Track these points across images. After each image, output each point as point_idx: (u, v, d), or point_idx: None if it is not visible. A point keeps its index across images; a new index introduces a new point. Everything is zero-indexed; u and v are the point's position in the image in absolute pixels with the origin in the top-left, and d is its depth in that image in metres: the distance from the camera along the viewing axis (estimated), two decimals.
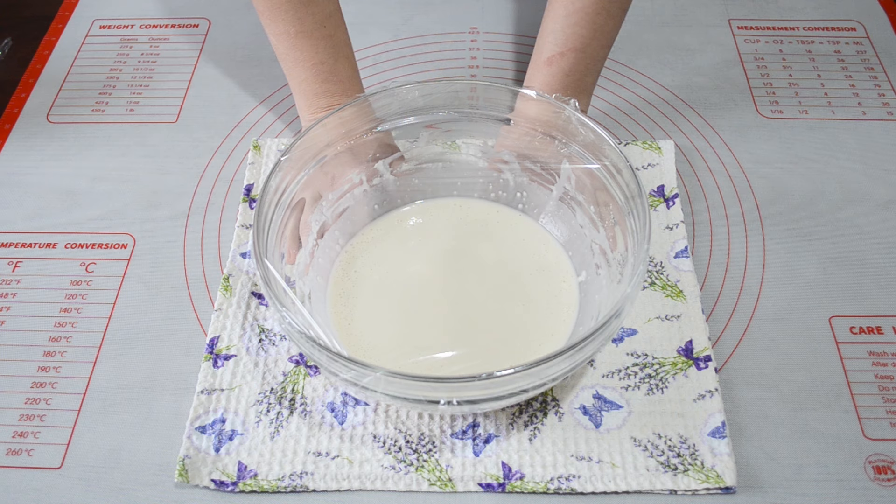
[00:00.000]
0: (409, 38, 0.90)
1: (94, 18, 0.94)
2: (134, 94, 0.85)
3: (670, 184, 0.73)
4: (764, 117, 0.81)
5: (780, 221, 0.72)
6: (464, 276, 0.66)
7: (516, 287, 0.65)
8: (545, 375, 0.52)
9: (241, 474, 0.57)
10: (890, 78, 0.84)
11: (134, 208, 0.74)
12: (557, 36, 0.68)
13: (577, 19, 0.68)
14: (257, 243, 0.56)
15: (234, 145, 0.79)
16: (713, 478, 0.55)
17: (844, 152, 0.77)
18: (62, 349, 0.65)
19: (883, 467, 0.57)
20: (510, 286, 0.65)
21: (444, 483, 0.56)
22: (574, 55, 0.68)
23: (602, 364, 0.62)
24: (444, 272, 0.66)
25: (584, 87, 0.71)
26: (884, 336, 0.64)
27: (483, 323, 0.63)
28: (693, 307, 0.64)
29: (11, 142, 0.81)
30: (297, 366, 0.62)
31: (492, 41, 0.89)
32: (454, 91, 0.66)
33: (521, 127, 0.66)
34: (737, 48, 0.88)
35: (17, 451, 0.59)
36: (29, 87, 0.86)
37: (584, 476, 0.56)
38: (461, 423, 0.59)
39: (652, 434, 0.58)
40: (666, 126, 0.80)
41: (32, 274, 0.69)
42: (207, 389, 0.61)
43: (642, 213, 0.57)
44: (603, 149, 0.62)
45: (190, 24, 0.93)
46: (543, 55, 0.70)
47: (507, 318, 0.63)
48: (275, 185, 0.60)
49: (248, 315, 0.65)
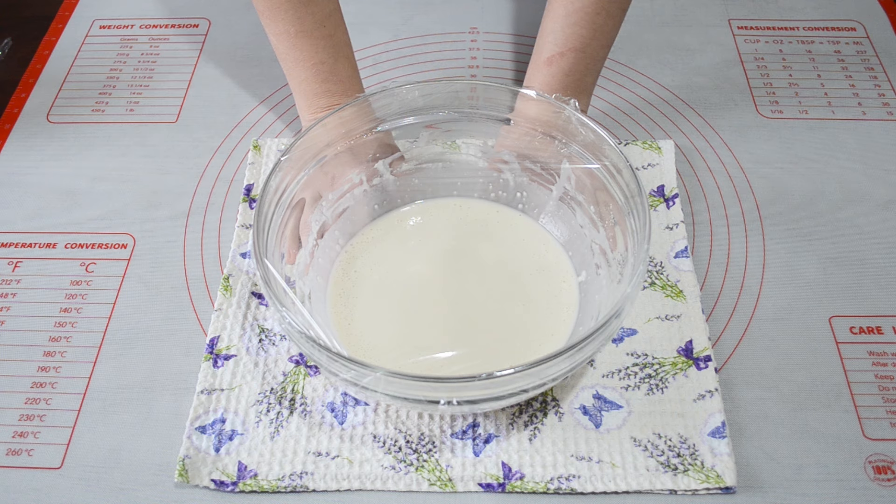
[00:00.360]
0: (409, 38, 0.90)
1: (94, 18, 0.94)
2: (134, 94, 0.85)
3: (670, 184, 0.73)
4: (764, 117, 0.81)
5: (780, 221, 0.72)
6: (464, 276, 0.66)
7: (516, 287, 0.65)
8: (545, 375, 0.52)
9: (241, 474, 0.57)
10: (890, 78, 0.84)
11: (134, 208, 0.74)
12: (557, 36, 0.68)
13: (576, 19, 0.68)
14: (257, 243, 0.56)
15: (234, 145, 0.79)
16: (713, 478, 0.55)
17: (844, 152, 0.77)
18: (62, 349, 0.65)
19: (883, 467, 0.57)
20: (510, 286, 0.65)
21: (444, 483, 0.56)
22: (574, 55, 0.68)
23: (602, 364, 0.62)
24: (444, 272, 0.66)
25: (584, 87, 0.71)
26: (884, 336, 0.64)
27: (483, 323, 0.63)
28: (693, 307, 0.64)
29: (11, 142, 0.81)
30: (297, 366, 0.62)
31: (492, 41, 0.89)
32: (454, 91, 0.66)
33: (521, 127, 0.66)
34: (737, 48, 0.88)
35: (17, 451, 0.59)
36: (29, 87, 0.86)
37: (584, 476, 0.56)
38: (461, 423, 0.59)
39: (652, 434, 0.58)
40: (666, 126, 0.80)
41: (32, 274, 0.69)
42: (207, 389, 0.61)
43: (642, 213, 0.57)
44: (603, 149, 0.62)
45: (190, 24, 0.93)
46: (543, 55, 0.70)
47: (507, 318, 0.63)
48: (275, 185, 0.60)
49: (248, 315, 0.65)
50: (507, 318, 0.63)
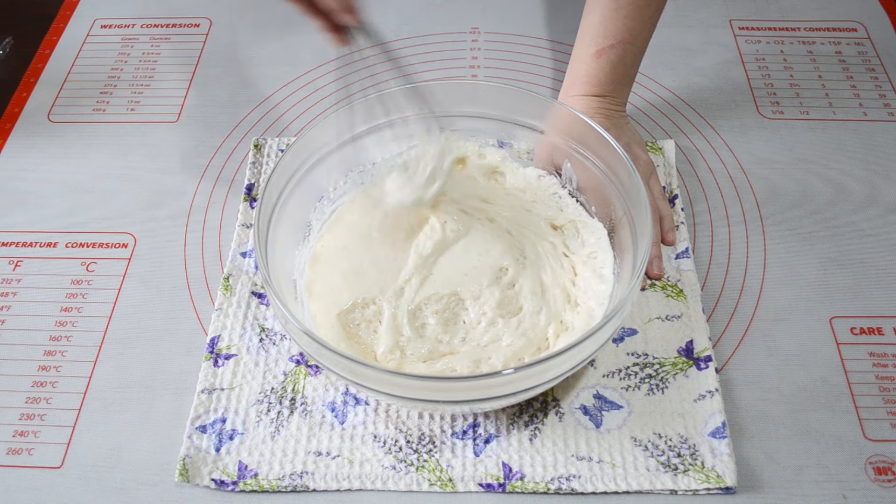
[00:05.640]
0: (410, 38, 0.90)
1: (95, 18, 0.94)
2: (135, 94, 0.85)
3: (671, 184, 0.73)
4: (765, 118, 0.81)
5: (780, 222, 0.72)
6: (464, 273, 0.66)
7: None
8: (545, 375, 0.52)
9: (241, 474, 0.57)
10: (891, 79, 0.84)
11: (134, 208, 0.74)
12: (608, 28, 0.69)
13: (627, 11, 0.68)
14: (258, 243, 0.56)
15: (235, 145, 0.79)
16: (713, 478, 0.55)
17: (845, 153, 0.77)
18: (63, 348, 0.65)
19: (883, 468, 0.57)
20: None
21: (444, 483, 0.56)
22: (623, 47, 0.69)
23: (602, 364, 0.62)
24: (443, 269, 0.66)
25: (629, 78, 0.72)
26: (884, 337, 0.64)
27: (484, 322, 0.62)
28: (694, 307, 0.64)
29: (12, 141, 0.81)
30: (297, 365, 0.62)
31: (493, 41, 0.89)
32: (455, 91, 0.67)
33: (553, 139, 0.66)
34: (738, 49, 0.88)
35: (17, 451, 0.59)
36: (30, 86, 0.86)
37: (584, 476, 0.56)
38: (461, 423, 0.59)
39: (652, 434, 0.58)
40: (667, 126, 0.80)
41: (33, 273, 0.70)
42: (208, 389, 0.61)
43: (643, 213, 0.57)
44: (605, 149, 0.62)
45: (191, 23, 0.93)
46: (591, 48, 0.70)
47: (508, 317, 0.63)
48: (276, 185, 0.60)
49: (248, 314, 0.65)
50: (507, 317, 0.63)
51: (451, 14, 0.93)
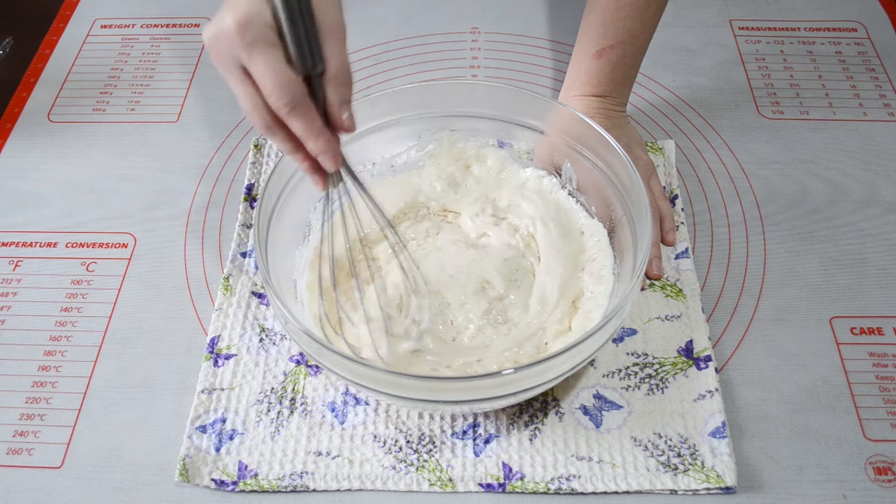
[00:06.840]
0: (410, 38, 0.90)
1: (95, 18, 0.94)
2: (135, 94, 0.85)
3: (671, 184, 0.73)
4: (765, 118, 0.81)
5: (780, 222, 0.72)
6: (464, 272, 0.66)
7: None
8: (545, 375, 0.52)
9: (241, 474, 0.57)
10: (891, 79, 0.84)
11: (135, 208, 0.74)
12: (608, 28, 0.69)
13: (628, 12, 0.68)
14: (258, 243, 0.56)
15: (235, 145, 0.79)
16: (713, 478, 0.55)
17: (845, 153, 0.77)
18: (63, 348, 0.65)
19: (883, 468, 0.57)
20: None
21: (444, 483, 0.56)
22: (623, 48, 0.69)
23: (602, 364, 0.62)
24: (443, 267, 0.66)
25: (629, 78, 0.72)
26: (884, 337, 0.64)
27: (485, 321, 0.62)
28: (693, 307, 0.64)
29: (12, 141, 0.81)
30: (297, 365, 0.62)
31: (493, 41, 0.89)
32: (455, 91, 0.67)
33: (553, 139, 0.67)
34: (738, 49, 0.88)
35: (17, 451, 0.59)
36: (30, 86, 0.86)
37: (584, 476, 0.56)
38: (461, 423, 0.59)
39: (652, 434, 0.58)
40: (667, 126, 0.80)
41: (33, 273, 0.70)
42: (208, 389, 0.61)
43: (643, 213, 0.57)
44: (605, 149, 0.62)
45: (191, 23, 0.93)
46: (592, 48, 0.70)
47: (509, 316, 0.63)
48: (276, 185, 0.60)
49: (248, 314, 0.65)
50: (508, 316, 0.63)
51: (451, 14, 0.93)
